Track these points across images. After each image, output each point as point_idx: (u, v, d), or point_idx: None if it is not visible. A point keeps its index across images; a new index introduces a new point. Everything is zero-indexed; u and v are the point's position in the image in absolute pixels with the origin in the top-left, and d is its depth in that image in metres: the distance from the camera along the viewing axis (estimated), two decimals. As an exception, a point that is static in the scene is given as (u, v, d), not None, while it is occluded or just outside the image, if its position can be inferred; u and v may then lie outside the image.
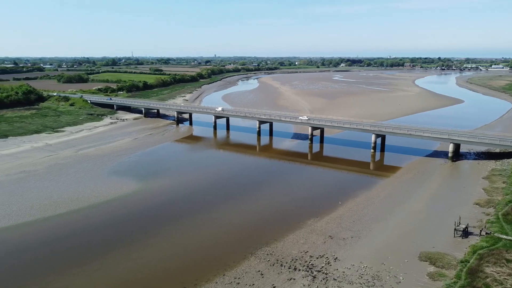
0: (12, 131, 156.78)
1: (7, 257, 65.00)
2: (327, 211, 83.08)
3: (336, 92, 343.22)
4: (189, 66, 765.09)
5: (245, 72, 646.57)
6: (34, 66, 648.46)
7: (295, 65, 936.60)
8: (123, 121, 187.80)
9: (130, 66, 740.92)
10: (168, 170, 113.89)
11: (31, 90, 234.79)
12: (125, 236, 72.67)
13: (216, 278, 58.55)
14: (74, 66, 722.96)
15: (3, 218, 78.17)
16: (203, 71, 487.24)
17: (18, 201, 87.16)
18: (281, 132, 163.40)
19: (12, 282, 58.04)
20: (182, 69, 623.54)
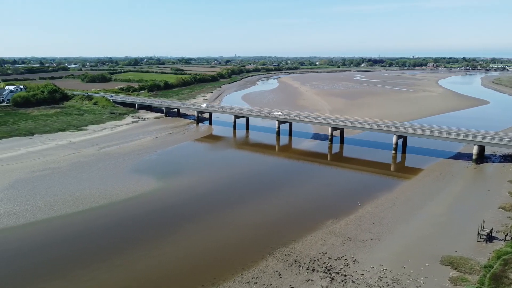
0: (37, 129, 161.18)
1: (34, 252, 66.87)
2: (346, 213, 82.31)
3: (357, 92, 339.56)
4: (209, 66, 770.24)
5: (265, 72, 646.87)
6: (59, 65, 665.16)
7: (315, 65, 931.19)
8: (144, 120, 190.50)
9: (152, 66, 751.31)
10: (188, 169, 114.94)
11: (56, 89, 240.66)
12: (146, 233, 73.79)
13: (234, 277, 58.77)
14: (98, 65, 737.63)
15: (29, 214, 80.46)
16: (223, 71, 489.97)
17: (43, 197, 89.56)
18: (300, 132, 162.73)
19: (39, 276, 59.70)
20: (203, 68, 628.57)
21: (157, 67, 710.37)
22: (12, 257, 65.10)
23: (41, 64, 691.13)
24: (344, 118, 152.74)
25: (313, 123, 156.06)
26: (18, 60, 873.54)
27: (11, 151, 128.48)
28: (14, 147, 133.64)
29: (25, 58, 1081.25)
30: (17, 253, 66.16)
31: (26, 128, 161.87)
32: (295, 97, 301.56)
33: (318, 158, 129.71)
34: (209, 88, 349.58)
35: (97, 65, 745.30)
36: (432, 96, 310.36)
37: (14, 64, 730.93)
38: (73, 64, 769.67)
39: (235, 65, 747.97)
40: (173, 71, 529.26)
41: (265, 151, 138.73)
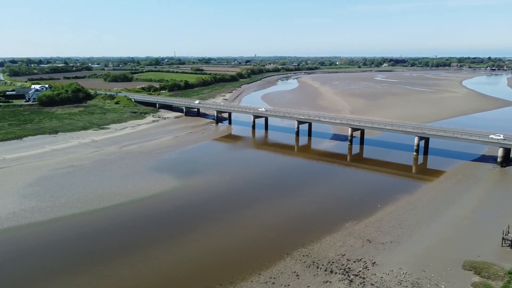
0: (61, 127, 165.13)
1: (57, 247, 68.57)
2: (366, 214, 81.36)
3: (377, 92, 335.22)
4: (229, 66, 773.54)
5: (285, 72, 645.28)
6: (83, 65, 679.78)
7: (335, 65, 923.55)
8: (165, 120, 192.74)
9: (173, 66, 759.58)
10: (207, 168, 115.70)
11: (79, 89, 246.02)
12: (166, 231, 74.76)
13: (251, 277, 58.86)
14: (120, 65, 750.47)
15: (52, 210, 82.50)
16: (243, 71, 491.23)
17: (66, 194, 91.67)
18: (320, 133, 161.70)
19: (63, 270, 61.19)
20: (223, 68, 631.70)
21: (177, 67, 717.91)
22: (37, 251, 66.88)
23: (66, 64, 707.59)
24: (364, 119, 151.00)
25: (332, 124, 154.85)
26: (44, 60, 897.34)
27: (36, 148, 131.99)
28: (39, 144, 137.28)
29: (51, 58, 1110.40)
30: (41, 248, 67.96)
31: (51, 127, 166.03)
32: (315, 97, 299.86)
33: (337, 159, 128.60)
34: (229, 88, 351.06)
35: (119, 65, 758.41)
36: (455, 96, 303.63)
37: (40, 64, 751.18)
38: (96, 64, 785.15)
39: (254, 65, 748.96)
40: (193, 71, 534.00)
41: (284, 151, 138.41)
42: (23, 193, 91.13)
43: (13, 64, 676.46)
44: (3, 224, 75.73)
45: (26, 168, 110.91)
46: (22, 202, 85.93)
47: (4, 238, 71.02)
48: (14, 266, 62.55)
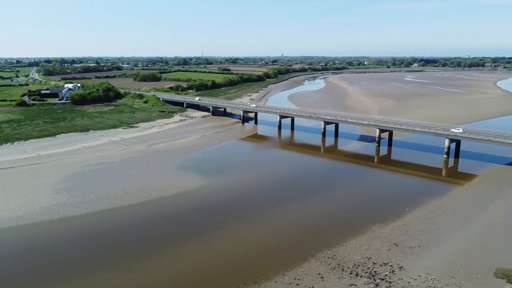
0: (92, 125, 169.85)
1: (87, 242, 70.62)
2: (393, 218, 79.80)
3: (407, 93, 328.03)
4: (256, 66, 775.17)
5: (311, 72, 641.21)
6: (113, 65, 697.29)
7: (364, 65, 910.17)
8: (192, 119, 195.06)
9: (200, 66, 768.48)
10: (232, 168, 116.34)
11: (110, 88, 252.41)
12: (193, 228, 75.89)
13: (276, 277, 58.79)
14: (149, 65, 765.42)
15: (83, 206, 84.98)
16: (269, 71, 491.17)
17: (96, 190, 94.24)
18: (347, 134, 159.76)
19: (94, 264, 63.05)
20: (249, 68, 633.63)
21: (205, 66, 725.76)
22: (68, 246, 69.08)
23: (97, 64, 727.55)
24: (393, 120, 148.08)
25: (360, 125, 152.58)
26: (77, 60, 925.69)
27: (69, 145, 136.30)
28: (71, 142, 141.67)
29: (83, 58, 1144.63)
30: (73, 243, 70.11)
31: (82, 124, 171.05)
32: (342, 97, 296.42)
33: (364, 160, 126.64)
34: (255, 88, 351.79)
35: (148, 65, 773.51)
36: (489, 98, 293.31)
37: (73, 63, 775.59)
38: (126, 64, 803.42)
39: (281, 65, 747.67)
40: (220, 71, 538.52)
41: (310, 152, 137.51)
42: (55, 189, 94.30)
43: (48, 64, 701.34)
44: (37, 218, 78.63)
45: (59, 164, 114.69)
46: (55, 198, 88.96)
47: (38, 232, 73.68)
48: (47, 259, 64.84)
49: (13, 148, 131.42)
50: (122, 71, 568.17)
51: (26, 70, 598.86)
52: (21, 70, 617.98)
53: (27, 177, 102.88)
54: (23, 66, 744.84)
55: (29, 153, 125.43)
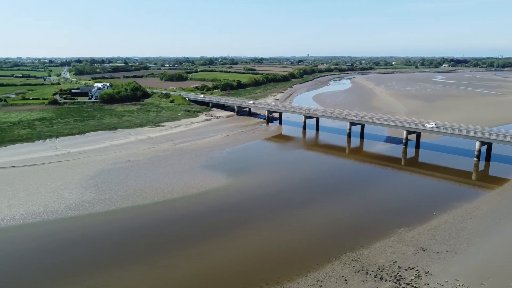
0: (120, 124, 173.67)
1: (115, 237, 72.35)
2: (420, 221, 78.04)
3: (436, 94, 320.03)
4: (281, 66, 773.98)
5: (337, 72, 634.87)
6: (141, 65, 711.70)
7: (391, 65, 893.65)
8: (217, 118, 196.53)
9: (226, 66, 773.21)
10: (257, 168, 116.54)
11: (137, 87, 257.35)
12: (218, 227, 76.59)
13: (298, 278, 58.52)
14: (175, 65, 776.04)
15: (110, 202, 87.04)
16: (295, 71, 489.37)
17: (123, 187, 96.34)
18: (373, 135, 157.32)
19: (122, 259, 64.64)
20: (275, 68, 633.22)
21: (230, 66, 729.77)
22: (96, 241, 70.93)
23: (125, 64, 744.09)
24: (421, 121, 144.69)
25: (386, 126, 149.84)
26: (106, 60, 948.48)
27: (98, 143, 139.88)
28: (100, 140, 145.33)
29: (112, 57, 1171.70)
30: (100, 238, 71.94)
31: (111, 123, 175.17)
32: (369, 98, 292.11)
33: (391, 162, 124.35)
34: (280, 88, 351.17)
35: (175, 65, 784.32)
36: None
37: (102, 63, 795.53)
38: (153, 64, 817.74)
39: (307, 65, 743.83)
40: (245, 71, 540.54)
41: (335, 153, 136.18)
42: (84, 185, 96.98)
43: (79, 63, 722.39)
44: (66, 213, 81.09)
45: (88, 161, 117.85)
46: (84, 194, 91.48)
47: (68, 227, 75.94)
48: (77, 253, 66.73)
49: (45, 145, 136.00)
50: (150, 70, 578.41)
51: (58, 70, 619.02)
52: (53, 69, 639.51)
53: (57, 173, 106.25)
54: (55, 66, 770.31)
55: (60, 150, 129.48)
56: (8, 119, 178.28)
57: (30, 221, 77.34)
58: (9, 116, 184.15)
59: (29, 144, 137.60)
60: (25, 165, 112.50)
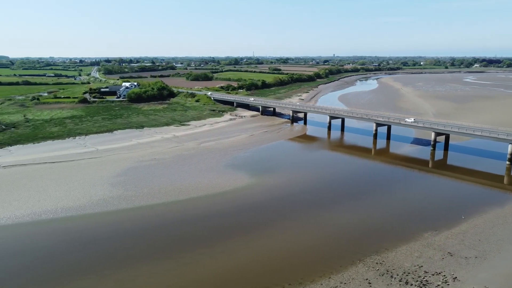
0: (147, 123, 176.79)
1: (141, 233, 73.67)
2: (448, 226, 75.98)
3: (466, 95, 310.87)
4: (307, 66, 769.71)
5: (364, 72, 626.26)
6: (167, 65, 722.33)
7: (420, 65, 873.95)
8: (241, 118, 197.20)
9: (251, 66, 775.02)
10: (280, 167, 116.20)
11: (164, 87, 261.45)
12: (242, 225, 77.17)
13: (321, 280, 58.02)
14: (201, 65, 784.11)
15: (136, 199, 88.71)
16: (320, 71, 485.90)
17: (148, 185, 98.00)
18: (400, 136, 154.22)
19: (148, 255, 65.78)
20: (300, 68, 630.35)
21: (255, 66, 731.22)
22: (122, 237, 72.49)
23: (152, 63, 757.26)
24: (450, 123, 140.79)
25: (414, 127, 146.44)
26: (134, 60, 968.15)
27: (125, 141, 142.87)
28: (127, 138, 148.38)
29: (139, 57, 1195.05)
30: (126, 234, 73.47)
31: (138, 122, 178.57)
32: (396, 99, 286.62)
33: (418, 164, 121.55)
34: (305, 88, 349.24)
35: (201, 65, 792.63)
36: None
37: (130, 63, 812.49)
38: (180, 64, 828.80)
39: (333, 65, 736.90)
40: (270, 71, 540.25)
41: (360, 154, 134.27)
42: (111, 182, 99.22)
43: (108, 63, 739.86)
44: (94, 209, 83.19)
45: (115, 159, 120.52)
46: (111, 190, 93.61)
47: (95, 222, 77.90)
48: (105, 249, 68.44)
49: (74, 142, 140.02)
50: (176, 70, 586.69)
51: (88, 69, 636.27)
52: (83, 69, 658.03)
53: (86, 170, 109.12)
54: (86, 66, 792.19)
55: (89, 147, 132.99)
56: (41, 116, 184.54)
57: (59, 216, 79.79)
58: (41, 114, 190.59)
59: (60, 141, 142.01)
60: (55, 162, 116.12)
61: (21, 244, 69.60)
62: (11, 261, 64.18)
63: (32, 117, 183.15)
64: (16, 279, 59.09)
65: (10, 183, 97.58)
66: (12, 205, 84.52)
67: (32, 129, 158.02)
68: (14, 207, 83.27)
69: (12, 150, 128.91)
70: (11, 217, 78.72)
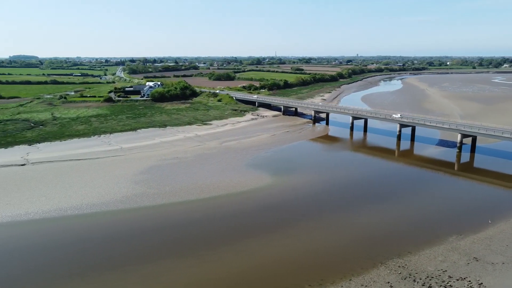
0: (170, 122, 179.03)
1: (163, 231, 74.64)
2: (474, 230, 73.96)
3: (495, 96, 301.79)
4: (329, 66, 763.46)
5: (388, 72, 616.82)
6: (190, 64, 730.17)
7: (446, 65, 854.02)
8: (263, 118, 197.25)
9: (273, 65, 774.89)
10: (302, 168, 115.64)
11: (187, 86, 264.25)
12: (265, 225, 77.16)
13: (341, 282, 57.44)
14: (224, 65, 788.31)
15: (158, 197, 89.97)
16: (343, 71, 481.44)
17: (171, 183, 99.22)
18: (424, 138, 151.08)
19: (170, 252, 66.64)
20: (323, 68, 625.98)
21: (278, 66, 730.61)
22: (145, 234, 73.59)
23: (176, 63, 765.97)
24: (477, 124, 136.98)
25: (439, 129, 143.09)
26: (158, 60, 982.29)
27: (148, 140, 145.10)
28: (150, 136, 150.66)
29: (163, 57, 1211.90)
30: (148, 231, 74.54)
31: (161, 120, 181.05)
32: (421, 99, 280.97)
33: (443, 166, 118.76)
34: (328, 88, 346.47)
35: (223, 64, 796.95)
36: None
37: (154, 63, 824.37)
38: (202, 63, 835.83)
39: (356, 65, 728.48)
40: (293, 71, 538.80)
41: (383, 155, 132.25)
42: (135, 180, 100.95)
43: (132, 63, 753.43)
44: (118, 206, 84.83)
45: (139, 157, 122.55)
46: (134, 188, 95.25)
47: (119, 219, 79.48)
48: (128, 245, 69.71)
49: (99, 140, 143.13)
50: (199, 70, 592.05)
51: (113, 69, 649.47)
52: (109, 68, 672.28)
53: (110, 167, 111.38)
54: (111, 65, 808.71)
55: (113, 146, 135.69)
56: (68, 115, 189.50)
57: (84, 212, 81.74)
58: (68, 112, 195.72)
59: (86, 139, 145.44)
60: (81, 159, 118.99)
61: (48, 238, 71.63)
62: (38, 254, 66.14)
63: (59, 115, 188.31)
64: (45, 273, 60.82)
65: (38, 179, 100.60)
66: (40, 200, 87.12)
67: (59, 127, 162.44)
68: (41, 203, 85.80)
69: (40, 147, 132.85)
70: (39, 212, 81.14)
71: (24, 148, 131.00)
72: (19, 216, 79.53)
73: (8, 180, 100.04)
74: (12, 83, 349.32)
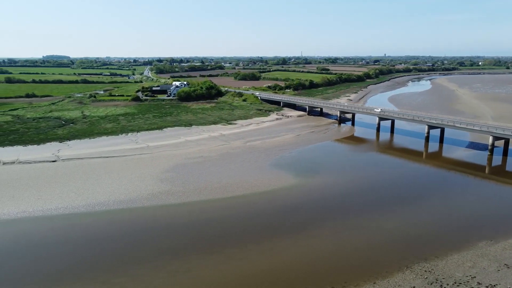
0: (195, 121, 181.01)
1: (188, 229, 75.62)
2: (505, 236, 71.40)
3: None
4: (356, 66, 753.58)
5: (416, 73, 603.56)
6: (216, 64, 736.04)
7: (478, 66, 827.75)
8: (288, 118, 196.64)
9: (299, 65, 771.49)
10: (326, 169, 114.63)
11: (212, 86, 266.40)
12: (290, 225, 76.99)
13: (365, 285, 56.58)
14: (249, 64, 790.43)
15: (183, 195, 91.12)
16: (370, 71, 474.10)
17: (195, 181, 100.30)
18: (454, 140, 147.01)
19: (197, 250, 67.39)
20: (349, 68, 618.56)
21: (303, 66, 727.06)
22: (171, 230, 74.69)
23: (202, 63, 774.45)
24: (510, 127, 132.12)
25: (470, 131, 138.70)
26: (184, 60, 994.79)
27: (174, 139, 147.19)
28: (176, 135, 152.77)
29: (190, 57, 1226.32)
30: (174, 228, 75.63)
31: (186, 120, 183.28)
32: (450, 100, 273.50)
33: (473, 169, 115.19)
34: (354, 88, 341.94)
35: (249, 64, 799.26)
36: None
37: (180, 63, 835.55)
38: (228, 63, 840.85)
39: (383, 65, 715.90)
40: (318, 71, 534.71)
41: (410, 157, 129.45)
42: (160, 178, 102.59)
43: (159, 63, 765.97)
44: (144, 203, 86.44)
45: (165, 155, 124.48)
46: (160, 186, 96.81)
47: (144, 216, 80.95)
48: (156, 241, 70.88)
49: (127, 139, 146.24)
50: (224, 70, 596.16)
51: (141, 69, 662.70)
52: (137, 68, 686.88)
53: (137, 165, 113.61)
54: (139, 65, 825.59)
55: (140, 144, 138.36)
56: (97, 113, 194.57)
57: (112, 208, 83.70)
58: (97, 111, 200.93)
59: (114, 137, 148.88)
60: (109, 156, 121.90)
61: (78, 233, 73.62)
62: (68, 248, 68.17)
63: (89, 113, 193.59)
64: (78, 266, 62.64)
65: (68, 175, 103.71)
66: (69, 196, 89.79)
67: (88, 125, 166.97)
68: (71, 198, 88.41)
69: (70, 144, 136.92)
70: (68, 207, 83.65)
71: (55, 145, 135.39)
72: (49, 210, 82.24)
73: (40, 175, 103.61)
74: (45, 82, 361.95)
